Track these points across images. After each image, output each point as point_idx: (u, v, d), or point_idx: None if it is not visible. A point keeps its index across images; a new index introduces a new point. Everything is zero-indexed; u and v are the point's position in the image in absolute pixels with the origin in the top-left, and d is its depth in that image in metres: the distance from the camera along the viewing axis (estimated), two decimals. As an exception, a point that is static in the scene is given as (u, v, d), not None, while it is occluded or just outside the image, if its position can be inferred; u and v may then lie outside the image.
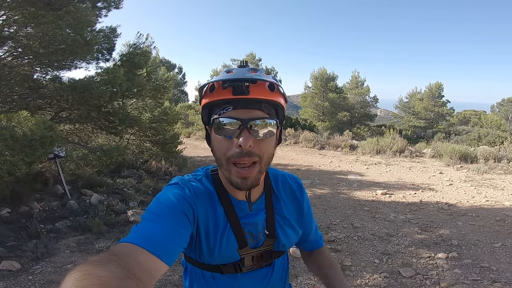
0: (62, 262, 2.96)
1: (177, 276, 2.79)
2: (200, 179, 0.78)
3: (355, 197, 5.55)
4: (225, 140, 0.67)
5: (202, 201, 0.73)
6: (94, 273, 0.44)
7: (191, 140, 13.75)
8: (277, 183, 0.85)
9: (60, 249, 3.21)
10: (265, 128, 0.67)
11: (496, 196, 5.50)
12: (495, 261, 3.10)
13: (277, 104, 0.70)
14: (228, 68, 0.71)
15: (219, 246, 0.73)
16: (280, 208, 0.82)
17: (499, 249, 3.37)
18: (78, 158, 5.26)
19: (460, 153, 8.49)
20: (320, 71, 17.95)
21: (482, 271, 2.89)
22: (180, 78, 24.81)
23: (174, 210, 0.66)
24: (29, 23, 3.66)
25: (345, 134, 12.01)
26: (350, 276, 2.89)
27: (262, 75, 0.67)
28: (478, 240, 3.62)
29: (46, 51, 3.94)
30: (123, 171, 6.00)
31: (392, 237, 3.79)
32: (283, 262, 0.87)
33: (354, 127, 16.82)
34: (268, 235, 0.78)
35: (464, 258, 3.17)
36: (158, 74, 6.77)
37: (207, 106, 0.71)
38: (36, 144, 3.10)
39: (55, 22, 3.61)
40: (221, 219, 0.74)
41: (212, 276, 0.78)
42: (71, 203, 4.21)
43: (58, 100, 4.46)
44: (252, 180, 0.68)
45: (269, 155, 0.70)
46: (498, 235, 3.79)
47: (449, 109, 19.06)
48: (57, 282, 2.62)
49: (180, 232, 0.64)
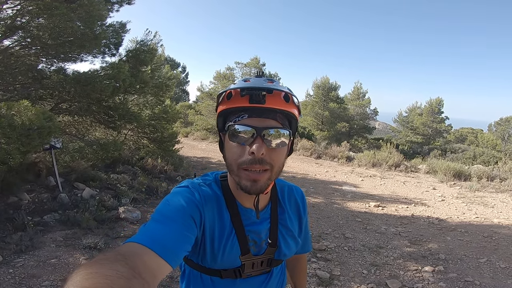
0: (46, 256, 2.91)
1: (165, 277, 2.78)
2: (209, 184, 0.79)
3: (348, 208, 5.58)
4: (239, 146, 0.69)
5: (210, 206, 0.74)
6: (100, 272, 0.44)
7: (189, 140, 13.75)
8: (283, 194, 0.87)
9: (46, 242, 3.15)
10: (278, 138, 0.69)
11: (486, 213, 5.56)
12: (479, 275, 3.13)
13: (291, 115, 0.72)
14: (245, 77, 0.73)
15: (222, 251, 0.74)
16: (285, 219, 0.84)
17: (484, 264, 3.41)
18: (74, 150, 5.25)
19: (454, 170, 8.56)
20: (322, 79, 18.06)
21: (465, 285, 2.93)
22: (183, 77, 24.90)
23: (182, 213, 0.68)
24: (42, 14, 3.68)
25: (342, 145, 12.06)
26: (338, 285, 2.90)
27: (278, 86, 0.69)
28: (465, 255, 3.66)
29: (54, 42, 3.96)
30: (118, 167, 5.98)
31: (381, 248, 3.81)
32: (281, 270, 0.89)
33: (352, 139, 16.90)
34: (270, 244, 0.80)
35: (449, 272, 3.21)
36: (162, 72, 6.80)
37: (223, 113, 0.73)
38: (33, 134, 3.10)
39: (68, 15, 3.63)
40: (227, 224, 0.76)
41: (211, 280, 0.79)
42: (62, 196, 4.17)
43: (60, 92, 4.46)
44: (261, 184, 0.69)
45: (280, 164, 0.72)
46: (484, 250, 3.83)
47: (447, 126, 19.20)
48: (38, 276, 2.58)
49: (186, 235, 0.65)
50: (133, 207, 4.35)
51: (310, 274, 2.99)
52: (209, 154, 10.43)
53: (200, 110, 16.28)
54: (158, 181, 5.82)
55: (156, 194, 5.21)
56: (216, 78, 15.57)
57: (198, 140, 13.96)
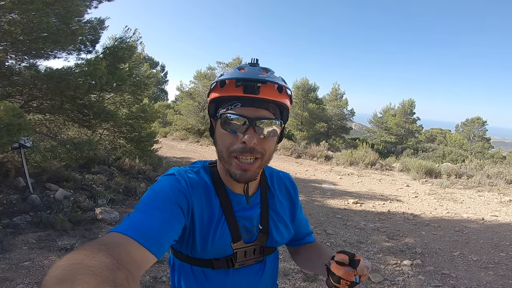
0: (18, 259, 2.76)
1: (148, 277, 2.70)
2: (197, 171, 0.78)
3: (328, 205, 5.70)
4: (230, 134, 0.69)
5: (198, 192, 0.73)
6: (83, 262, 0.43)
7: (168, 140, 13.44)
8: (272, 180, 0.87)
9: (17, 245, 2.99)
10: (269, 127, 0.69)
11: (456, 208, 5.90)
12: (454, 268, 3.31)
13: (283, 106, 0.72)
14: (239, 65, 0.72)
15: (212, 238, 0.72)
16: (275, 204, 0.84)
17: (458, 257, 3.61)
18: (46, 150, 4.96)
19: (426, 168, 9.02)
20: (302, 81, 18.36)
21: (443, 278, 3.08)
22: (162, 76, 24.33)
23: (168, 201, 0.66)
24: (16, 9, 3.45)
25: (321, 145, 12.32)
26: (323, 280, 2.95)
27: (272, 77, 0.69)
28: (439, 249, 3.86)
29: (27, 38, 3.73)
30: (93, 167, 5.73)
31: (362, 244, 3.93)
32: (274, 259, 0.88)
33: (330, 138, 17.28)
34: (261, 230, 0.79)
35: (427, 265, 3.36)
36: (140, 70, 6.60)
37: (215, 100, 0.72)
38: (1, 131, 2.90)
39: (44, 9, 3.44)
40: (216, 211, 0.74)
41: (202, 271, 0.76)
42: (33, 197, 3.94)
43: (30, 89, 4.21)
44: (251, 173, 0.70)
45: (270, 152, 0.73)
46: (456, 244, 4.06)
47: (418, 126, 20.17)
48: (11, 279, 2.44)
49: (172, 224, 0.64)
50: (110, 208, 4.18)
51: (295, 270, 3.03)
52: (189, 154, 10.26)
53: (180, 110, 15.96)
54: (136, 181, 5.64)
55: (134, 194, 5.05)
56: (197, 77, 15.34)
57: (177, 140, 13.69)
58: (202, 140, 13.32)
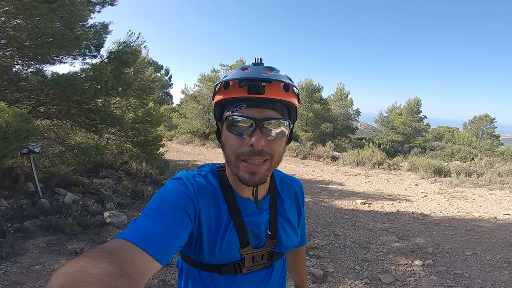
0: (29, 262, 2.78)
1: (157, 281, 2.69)
2: (205, 175, 0.76)
3: (336, 206, 5.64)
4: (236, 137, 0.66)
5: (205, 197, 0.71)
6: (86, 269, 0.42)
7: (173, 143, 13.51)
8: (282, 185, 0.85)
9: (28, 249, 3.02)
10: (277, 128, 0.67)
11: (467, 207, 5.78)
12: (467, 268, 3.24)
13: (291, 105, 0.70)
14: (243, 66, 0.70)
15: (220, 244, 0.71)
16: (284, 210, 0.82)
17: (470, 257, 3.53)
18: (54, 155, 5.02)
19: (434, 167, 8.89)
20: (306, 81, 18.31)
21: (456, 278, 3.01)
22: (166, 79, 24.51)
23: (174, 206, 0.64)
24: (20, 14, 3.51)
25: (327, 145, 12.24)
26: (332, 282, 2.91)
27: (277, 75, 0.67)
28: (451, 249, 3.78)
29: (32, 43, 3.78)
30: (101, 171, 5.77)
31: (371, 244, 3.87)
32: (282, 264, 0.87)
33: (336, 139, 17.18)
34: (270, 236, 0.77)
35: (439, 265, 3.29)
36: (145, 74, 6.65)
37: (220, 103, 0.70)
38: (10, 137, 2.93)
39: (48, 15, 3.48)
40: (224, 216, 0.72)
41: (209, 276, 0.75)
42: (42, 201, 3.98)
43: (37, 94, 4.26)
44: (260, 176, 0.67)
45: (280, 154, 0.70)
46: (469, 244, 3.97)
47: (425, 125, 19.92)
48: (23, 283, 2.46)
49: (178, 230, 0.62)
50: (118, 212, 4.20)
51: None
52: (195, 157, 10.29)
53: (185, 113, 16.04)
54: (144, 185, 5.66)
55: (142, 198, 5.07)
56: (201, 80, 15.41)
57: (183, 143, 13.74)
58: (208, 143, 13.35)
